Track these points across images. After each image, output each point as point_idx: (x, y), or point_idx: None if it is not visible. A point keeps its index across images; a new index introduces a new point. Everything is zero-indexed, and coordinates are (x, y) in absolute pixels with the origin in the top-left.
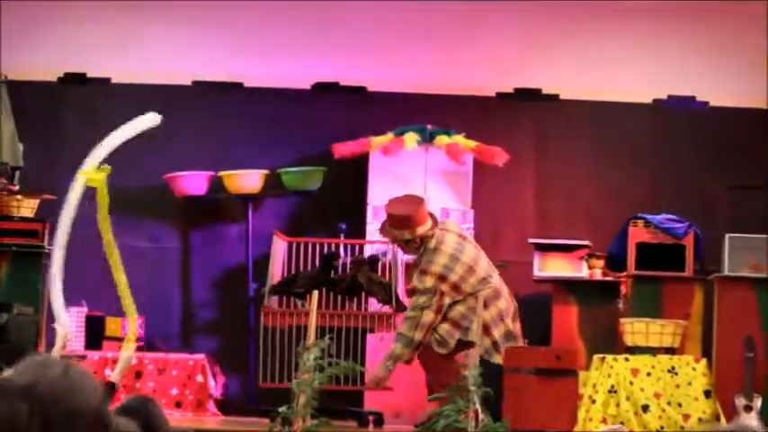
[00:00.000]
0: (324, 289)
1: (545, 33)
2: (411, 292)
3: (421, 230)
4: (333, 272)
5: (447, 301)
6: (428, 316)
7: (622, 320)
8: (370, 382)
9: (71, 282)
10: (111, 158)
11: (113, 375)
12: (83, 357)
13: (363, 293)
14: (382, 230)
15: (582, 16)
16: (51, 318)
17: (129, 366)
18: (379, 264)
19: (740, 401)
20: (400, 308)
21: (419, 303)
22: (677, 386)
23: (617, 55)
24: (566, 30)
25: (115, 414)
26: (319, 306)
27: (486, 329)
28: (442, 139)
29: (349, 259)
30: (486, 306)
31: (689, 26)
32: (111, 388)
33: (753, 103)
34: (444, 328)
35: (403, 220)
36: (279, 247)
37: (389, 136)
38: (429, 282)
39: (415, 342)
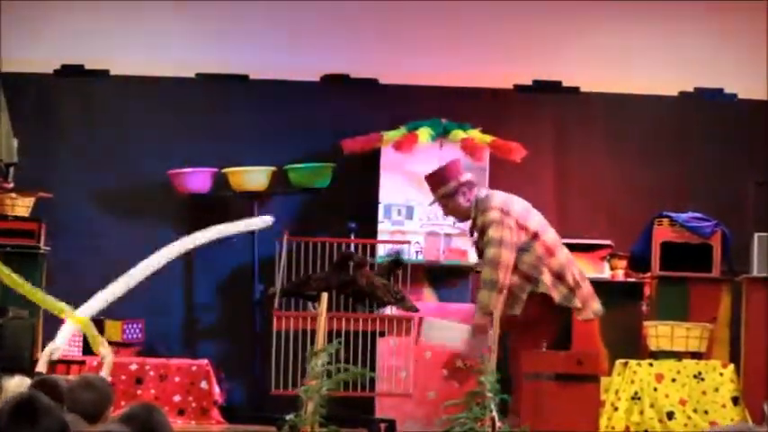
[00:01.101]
0: (334, 292)
1: (565, 23)
2: (480, 250)
3: (463, 178)
4: (346, 273)
5: (516, 238)
6: (506, 254)
7: (646, 324)
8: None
9: (68, 286)
10: (111, 157)
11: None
12: (82, 363)
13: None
14: (433, 203)
15: (604, 5)
16: (48, 321)
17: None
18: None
19: None
20: (409, 307)
21: (494, 238)
22: (704, 392)
23: (641, 45)
24: (587, 19)
25: (117, 422)
26: (329, 309)
27: (559, 276)
28: (458, 134)
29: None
30: (552, 253)
31: (716, 15)
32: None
33: None
34: (515, 281)
35: (441, 174)
36: (285, 248)
37: (402, 131)
38: (494, 214)
39: (498, 284)
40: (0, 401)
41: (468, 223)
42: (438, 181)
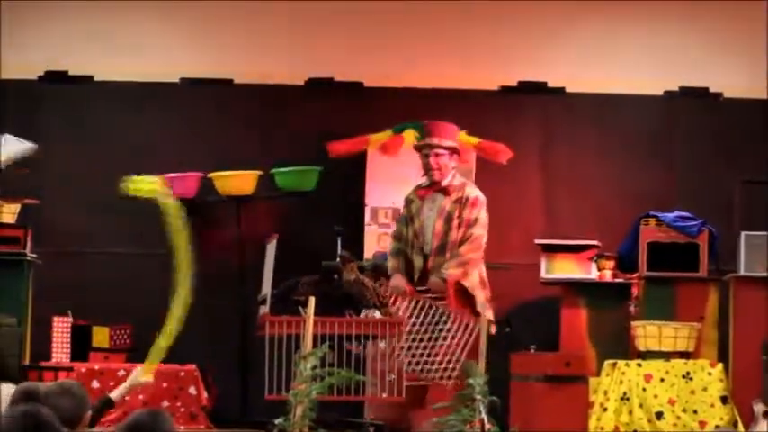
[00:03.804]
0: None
1: (550, 23)
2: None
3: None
4: (334, 281)
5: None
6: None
7: (634, 324)
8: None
9: (54, 292)
10: (96, 163)
11: (115, 392)
12: (69, 369)
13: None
14: (431, 147)
15: (588, 5)
16: (36, 329)
17: (132, 390)
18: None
19: (758, 407)
20: (389, 314)
21: (481, 220)
22: (692, 392)
23: (626, 45)
24: (572, 19)
25: (123, 429)
26: (317, 313)
27: (483, 283)
28: None
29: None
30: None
31: (702, 15)
32: (107, 403)
33: None
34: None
35: (454, 132)
36: (269, 253)
37: (388, 133)
38: (482, 199)
39: (468, 262)
40: None
41: (424, 180)
42: (449, 132)
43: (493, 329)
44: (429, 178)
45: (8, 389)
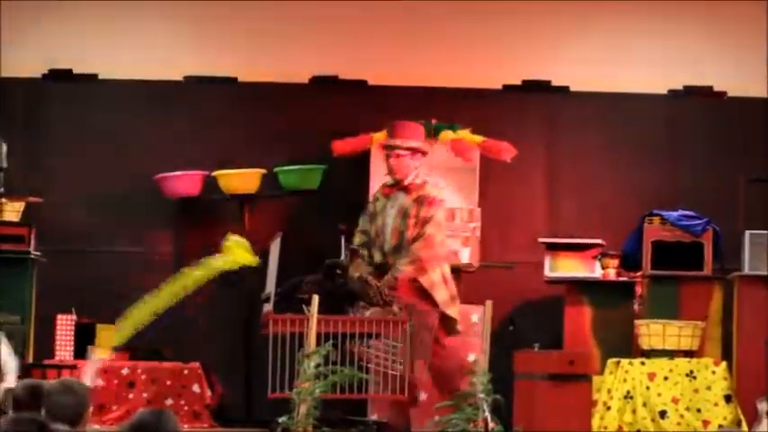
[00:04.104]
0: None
1: (554, 22)
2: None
3: (426, 148)
4: (337, 278)
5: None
6: (440, 237)
7: (638, 322)
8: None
9: (58, 290)
10: (100, 161)
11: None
12: (73, 367)
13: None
14: (393, 147)
15: (593, 4)
16: (39, 327)
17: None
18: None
19: (762, 406)
20: (393, 313)
21: (437, 218)
22: (696, 391)
23: (630, 44)
24: (575, 18)
25: (128, 429)
26: (321, 312)
27: (445, 281)
28: (447, 135)
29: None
30: (446, 259)
31: (706, 13)
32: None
33: None
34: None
35: (416, 130)
36: (273, 251)
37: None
38: (442, 196)
39: (419, 259)
40: None
41: (386, 183)
42: (412, 133)
43: (460, 328)
44: (392, 178)
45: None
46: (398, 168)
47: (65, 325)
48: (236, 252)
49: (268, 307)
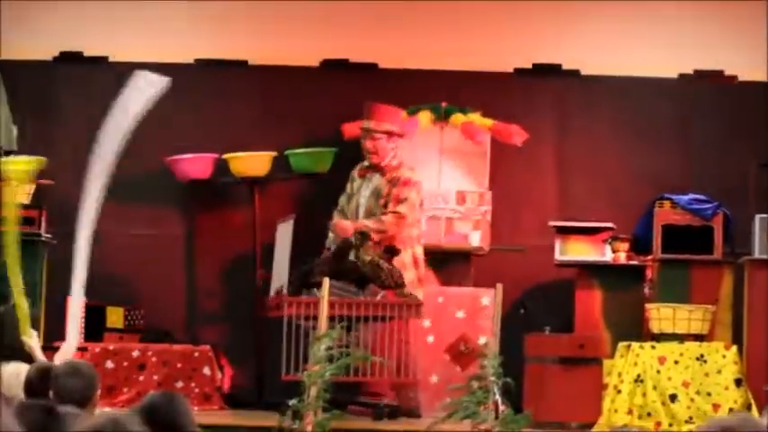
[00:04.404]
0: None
1: (565, 5)
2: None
3: (402, 130)
4: (348, 260)
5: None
6: (412, 217)
7: (648, 306)
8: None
9: (69, 273)
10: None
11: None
12: (83, 350)
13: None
14: (370, 131)
15: None
16: (50, 310)
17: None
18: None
19: None
20: (406, 294)
21: (411, 199)
22: (706, 374)
23: (641, 27)
24: (586, 1)
25: (137, 412)
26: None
27: (416, 263)
28: (458, 118)
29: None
30: (418, 241)
31: None
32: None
33: None
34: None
35: (395, 114)
36: (285, 233)
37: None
38: (416, 177)
39: (384, 233)
40: None
41: (363, 164)
42: (389, 116)
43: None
44: (368, 161)
45: (18, 368)
46: (375, 151)
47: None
48: None
49: (279, 288)
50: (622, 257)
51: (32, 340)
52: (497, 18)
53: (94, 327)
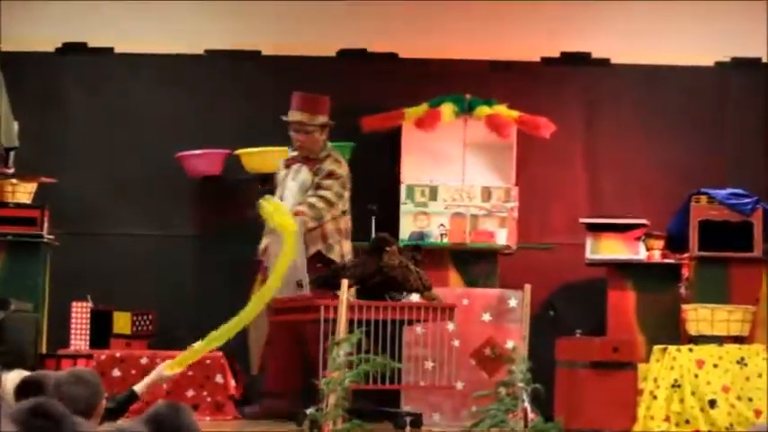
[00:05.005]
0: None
1: None
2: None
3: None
4: (380, 260)
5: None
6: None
7: (685, 307)
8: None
9: (73, 276)
10: (116, 139)
11: (139, 385)
12: (89, 357)
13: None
14: (301, 124)
15: None
16: (53, 315)
17: (157, 384)
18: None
19: None
20: (433, 297)
21: (338, 187)
22: (747, 379)
23: (674, 13)
24: None
25: (143, 423)
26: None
27: (342, 258)
28: (483, 110)
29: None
30: (348, 236)
31: None
32: (131, 396)
33: None
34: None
35: (324, 104)
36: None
37: (424, 107)
38: (345, 169)
39: (319, 213)
40: None
41: (291, 154)
42: (320, 108)
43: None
44: (298, 153)
45: (19, 375)
46: (306, 144)
47: (80, 313)
48: (277, 217)
49: (302, 291)
50: (657, 256)
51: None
52: (523, 5)
53: (100, 333)
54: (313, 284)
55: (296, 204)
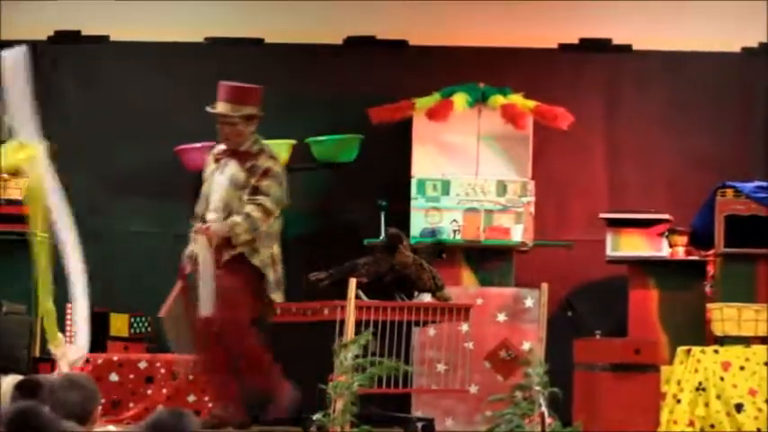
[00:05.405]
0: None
1: None
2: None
3: (259, 112)
4: (394, 257)
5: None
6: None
7: (710, 306)
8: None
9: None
10: (112, 132)
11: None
12: (86, 361)
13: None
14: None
15: None
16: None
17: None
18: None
19: None
20: (446, 297)
21: (277, 190)
22: None
23: None
24: None
25: (145, 429)
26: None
27: (274, 262)
28: (497, 100)
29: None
30: (277, 237)
31: None
32: None
33: None
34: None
35: (253, 94)
36: None
37: (435, 97)
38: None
39: (258, 230)
40: None
41: (220, 147)
42: (247, 98)
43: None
44: (225, 145)
45: (15, 380)
46: (231, 137)
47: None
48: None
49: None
50: (681, 252)
51: (59, 349)
52: None
53: (97, 335)
54: (330, 281)
55: (227, 203)
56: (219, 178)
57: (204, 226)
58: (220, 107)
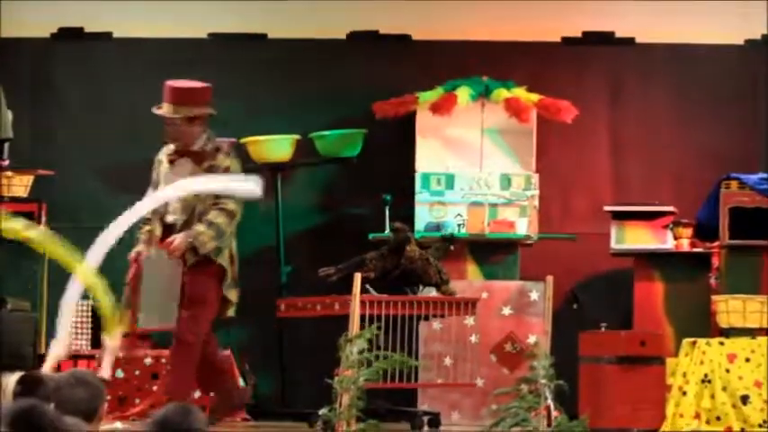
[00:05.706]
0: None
1: None
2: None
3: (210, 111)
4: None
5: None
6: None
7: (715, 298)
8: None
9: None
10: (115, 129)
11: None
12: (91, 358)
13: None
14: (172, 116)
15: None
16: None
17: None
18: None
19: None
20: (450, 292)
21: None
22: None
23: None
24: None
25: (149, 427)
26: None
27: (233, 260)
28: (501, 93)
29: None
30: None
31: None
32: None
33: None
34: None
35: (202, 94)
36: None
37: (439, 91)
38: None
39: (224, 238)
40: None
41: (171, 148)
42: (192, 99)
43: (232, 313)
44: (174, 146)
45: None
46: (179, 137)
47: (81, 311)
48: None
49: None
50: (685, 245)
51: (112, 341)
52: None
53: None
54: (337, 273)
55: (186, 205)
56: (175, 179)
57: (168, 241)
58: (164, 108)
